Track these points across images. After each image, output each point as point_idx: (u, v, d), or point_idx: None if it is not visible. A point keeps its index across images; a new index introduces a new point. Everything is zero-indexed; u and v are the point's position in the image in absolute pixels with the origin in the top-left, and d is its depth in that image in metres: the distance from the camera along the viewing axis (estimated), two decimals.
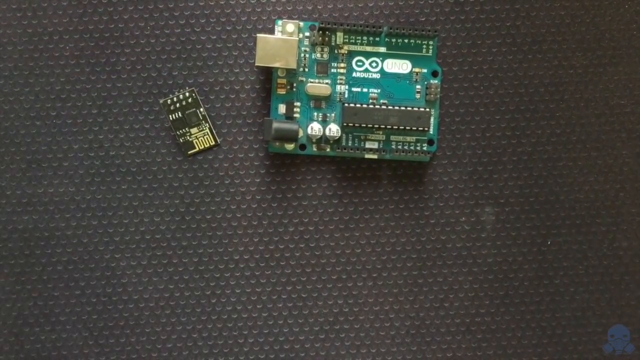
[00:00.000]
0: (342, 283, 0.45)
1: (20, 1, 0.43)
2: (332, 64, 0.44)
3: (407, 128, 0.43)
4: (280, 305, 0.45)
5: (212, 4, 0.44)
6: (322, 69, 0.44)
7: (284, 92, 0.44)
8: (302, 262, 0.45)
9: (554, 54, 0.45)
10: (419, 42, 0.44)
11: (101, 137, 0.44)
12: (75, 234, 0.44)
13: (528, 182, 0.45)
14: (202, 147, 0.44)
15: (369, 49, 0.44)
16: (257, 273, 0.44)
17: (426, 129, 0.43)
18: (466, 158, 0.45)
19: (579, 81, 0.45)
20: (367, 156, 0.44)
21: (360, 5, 0.44)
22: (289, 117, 0.43)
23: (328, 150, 0.44)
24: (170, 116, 0.43)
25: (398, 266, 0.45)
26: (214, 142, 0.44)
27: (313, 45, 0.43)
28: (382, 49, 0.44)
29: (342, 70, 0.44)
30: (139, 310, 0.44)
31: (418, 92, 0.44)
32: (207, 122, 0.44)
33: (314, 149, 0.44)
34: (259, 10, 0.44)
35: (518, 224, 0.45)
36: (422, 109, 0.43)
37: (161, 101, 0.43)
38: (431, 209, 0.45)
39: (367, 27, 0.42)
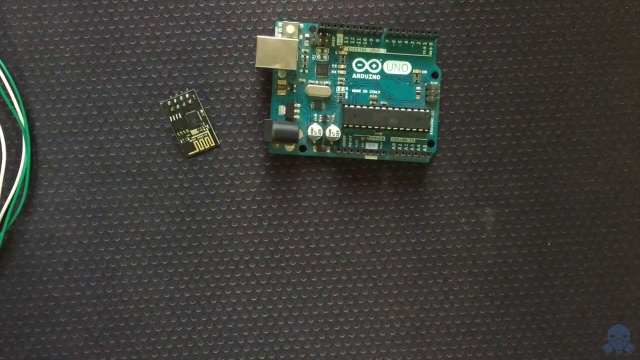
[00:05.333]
0: (342, 284, 0.45)
1: (21, 2, 0.43)
2: (332, 65, 0.44)
3: (407, 129, 0.43)
4: (280, 306, 0.45)
5: (212, 5, 0.44)
6: (322, 71, 0.44)
7: (284, 94, 0.44)
8: (302, 263, 0.45)
9: (554, 55, 0.45)
10: (419, 43, 0.44)
11: (101, 138, 0.44)
12: (75, 234, 0.44)
13: (528, 183, 0.45)
14: (202, 148, 0.44)
15: (369, 50, 0.44)
16: (257, 274, 0.45)
17: (426, 130, 0.43)
18: (466, 159, 0.45)
19: (579, 82, 0.45)
20: (367, 157, 0.44)
21: (360, 6, 0.44)
22: (289, 118, 0.43)
23: (328, 151, 0.44)
24: (170, 117, 0.43)
25: (398, 267, 0.45)
26: (214, 143, 0.44)
27: (313, 46, 0.43)
28: (382, 51, 0.44)
29: (342, 72, 0.44)
30: (139, 311, 0.44)
31: (418, 94, 0.44)
32: (207, 124, 0.44)
33: (314, 150, 0.44)
34: (259, 11, 0.44)
35: (518, 225, 0.45)
36: (422, 110, 0.43)
37: (161, 102, 0.43)
38: (431, 210, 0.45)
39: (367, 28, 0.42)
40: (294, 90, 0.44)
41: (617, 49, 0.45)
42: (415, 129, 0.43)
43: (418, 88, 0.44)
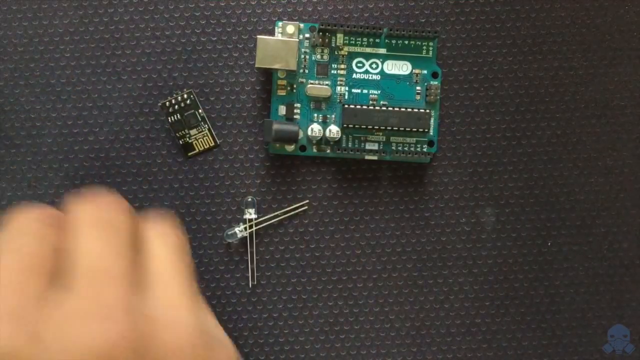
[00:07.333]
0: (342, 284, 0.45)
1: (21, 2, 0.43)
2: (332, 65, 0.44)
3: (407, 129, 0.43)
4: (281, 305, 0.45)
5: (212, 5, 0.44)
6: (322, 71, 0.44)
7: (284, 94, 0.44)
8: (302, 263, 0.45)
9: (554, 55, 0.45)
10: (419, 43, 0.44)
11: (101, 138, 0.44)
12: None
13: (528, 182, 0.45)
14: (202, 148, 0.44)
15: (369, 50, 0.44)
16: (257, 274, 0.45)
17: (426, 130, 0.43)
18: (466, 159, 0.45)
19: (579, 82, 0.45)
20: (367, 157, 0.44)
21: (360, 6, 0.44)
22: (289, 118, 0.44)
23: (328, 151, 0.44)
24: (169, 118, 0.43)
25: (398, 267, 0.45)
26: (213, 143, 0.44)
27: (313, 46, 0.43)
28: (382, 51, 0.44)
29: (342, 72, 0.44)
30: None
31: (418, 94, 0.44)
32: (207, 124, 0.44)
33: (314, 150, 0.44)
34: (259, 11, 0.44)
35: (518, 225, 0.45)
36: (422, 110, 0.43)
37: (160, 103, 0.43)
38: (431, 210, 0.45)
39: (367, 28, 0.42)
40: (294, 90, 0.44)
41: (617, 49, 0.45)
42: (415, 129, 0.43)
43: (418, 88, 0.44)
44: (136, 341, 0.28)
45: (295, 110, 0.44)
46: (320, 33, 0.43)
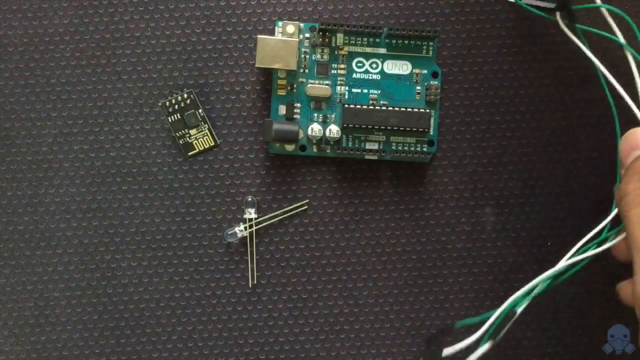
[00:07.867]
0: (342, 283, 0.45)
1: (21, 2, 0.43)
2: (333, 65, 0.44)
3: (407, 129, 0.43)
4: (281, 305, 0.45)
5: (212, 5, 0.44)
6: (323, 70, 0.44)
7: (284, 93, 0.44)
8: (302, 262, 0.45)
9: (554, 55, 0.45)
10: (419, 43, 0.44)
11: (101, 138, 0.44)
12: (76, 234, 0.44)
13: (528, 182, 0.45)
14: (202, 148, 0.44)
15: (369, 50, 0.44)
16: (257, 273, 0.45)
17: (426, 129, 0.43)
18: (466, 159, 0.45)
19: (579, 82, 0.45)
20: (367, 157, 0.44)
21: (360, 6, 0.44)
22: (289, 118, 0.44)
23: (328, 151, 0.44)
24: (169, 118, 0.43)
25: (398, 267, 0.45)
26: (213, 143, 0.44)
27: (313, 46, 0.43)
28: (382, 50, 0.44)
29: (342, 72, 0.44)
30: (139, 311, 0.44)
31: (418, 93, 0.44)
32: (207, 123, 0.44)
33: (314, 150, 0.44)
34: (259, 11, 0.44)
35: (518, 224, 0.45)
36: (422, 110, 0.43)
37: (160, 103, 0.43)
38: (431, 210, 0.45)
39: (367, 28, 0.42)
40: (294, 90, 0.44)
41: (618, 49, 0.45)
42: (415, 129, 0.43)
43: (418, 88, 0.44)
44: None
45: (295, 110, 0.44)
46: (320, 33, 0.43)
